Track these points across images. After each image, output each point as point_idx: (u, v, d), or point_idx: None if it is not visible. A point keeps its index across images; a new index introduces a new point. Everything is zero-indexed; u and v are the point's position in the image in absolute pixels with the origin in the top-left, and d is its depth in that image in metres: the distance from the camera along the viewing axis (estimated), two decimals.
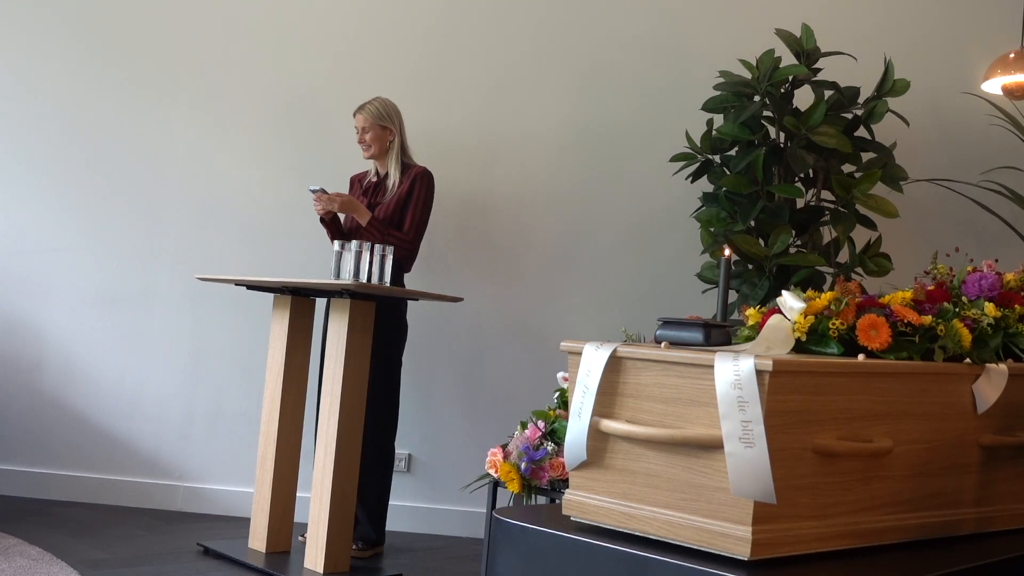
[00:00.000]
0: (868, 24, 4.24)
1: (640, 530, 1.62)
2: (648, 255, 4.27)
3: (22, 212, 4.36)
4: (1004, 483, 1.92)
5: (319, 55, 4.37)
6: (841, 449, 1.58)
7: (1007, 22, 4.04)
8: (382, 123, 3.82)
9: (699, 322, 1.74)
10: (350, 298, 3.32)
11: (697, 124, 3.80)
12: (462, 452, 4.17)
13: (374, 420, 3.65)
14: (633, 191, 4.28)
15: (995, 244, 3.88)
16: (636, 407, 1.64)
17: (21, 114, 4.37)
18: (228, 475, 4.27)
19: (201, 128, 4.37)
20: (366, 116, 3.82)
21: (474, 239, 4.34)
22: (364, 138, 3.83)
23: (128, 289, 4.33)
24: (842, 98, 3.71)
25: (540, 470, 3.02)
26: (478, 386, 4.28)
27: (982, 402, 1.81)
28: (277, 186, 4.33)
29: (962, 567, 1.65)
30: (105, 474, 4.28)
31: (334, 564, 3.32)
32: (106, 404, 4.31)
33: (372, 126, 3.81)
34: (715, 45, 4.20)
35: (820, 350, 1.73)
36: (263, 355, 3.73)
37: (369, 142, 3.82)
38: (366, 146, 3.84)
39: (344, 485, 3.33)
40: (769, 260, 3.51)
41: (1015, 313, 1.90)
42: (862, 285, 1.99)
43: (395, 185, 3.80)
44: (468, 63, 4.35)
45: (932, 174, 4.03)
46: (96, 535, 3.73)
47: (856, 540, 1.64)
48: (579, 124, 4.32)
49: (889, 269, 3.63)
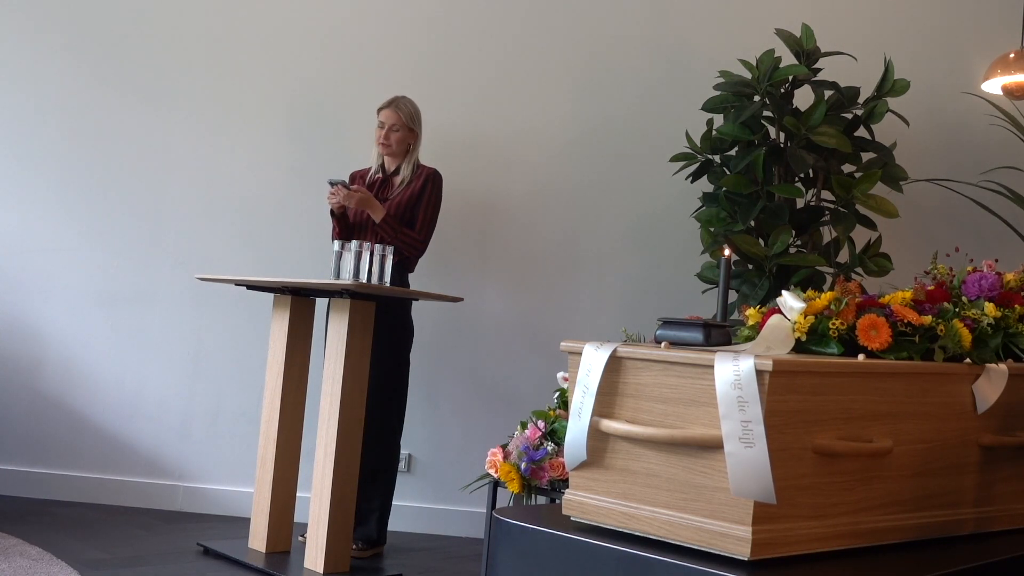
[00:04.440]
0: (868, 24, 4.23)
1: (640, 530, 1.62)
2: (648, 255, 4.27)
3: (22, 212, 4.35)
4: (1004, 483, 1.92)
5: (319, 55, 4.36)
6: (841, 449, 1.58)
7: (1007, 22, 4.04)
8: (411, 125, 3.79)
9: (699, 322, 1.74)
10: (350, 298, 3.32)
11: (697, 124, 3.80)
12: (462, 452, 4.17)
13: (381, 420, 3.65)
14: (633, 191, 4.28)
15: (995, 244, 3.88)
16: (636, 407, 1.64)
17: (22, 114, 4.37)
18: (228, 475, 4.27)
19: (201, 128, 4.36)
20: (398, 114, 3.76)
21: (473, 239, 4.33)
22: (389, 136, 3.77)
23: (128, 289, 4.33)
24: (842, 98, 3.71)
25: (540, 470, 3.02)
26: (478, 386, 4.28)
27: (982, 402, 1.81)
28: (277, 186, 4.33)
29: (962, 567, 1.65)
30: (105, 474, 4.28)
31: (334, 564, 3.32)
32: (106, 404, 4.31)
33: (402, 126, 3.77)
34: (715, 45, 4.20)
35: (820, 350, 1.73)
36: (263, 355, 3.73)
37: (393, 141, 3.77)
38: (387, 144, 3.78)
39: (344, 485, 3.33)
40: (769, 260, 3.51)
41: (1015, 313, 1.90)
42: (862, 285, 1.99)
43: (404, 183, 3.79)
44: (468, 63, 4.35)
45: (932, 174, 4.03)
46: (96, 535, 3.73)
47: (856, 540, 1.64)
48: (579, 124, 4.32)
49: (889, 269, 3.63)
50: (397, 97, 3.82)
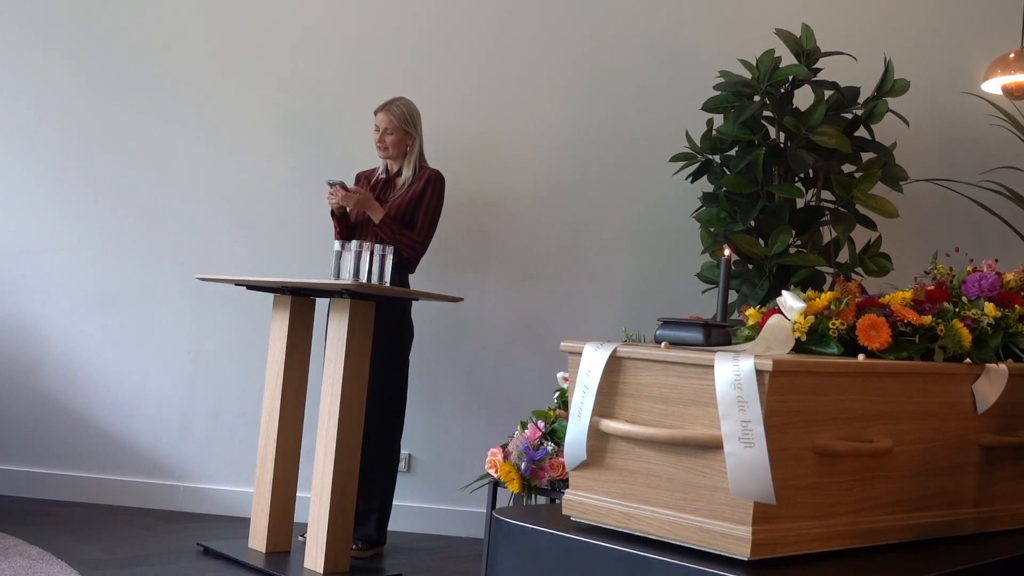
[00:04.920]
0: (868, 24, 4.23)
1: (640, 530, 1.62)
2: (648, 255, 4.27)
3: (23, 212, 4.35)
4: (1004, 483, 1.92)
5: (320, 55, 4.36)
6: (841, 449, 1.58)
7: (1007, 22, 4.04)
8: (405, 127, 3.78)
9: (699, 322, 1.74)
10: (350, 298, 3.32)
11: (697, 124, 3.80)
12: (462, 452, 4.18)
13: (381, 420, 3.65)
14: (633, 191, 4.28)
15: (995, 244, 3.88)
16: (636, 407, 1.64)
17: (22, 114, 4.37)
18: (228, 475, 4.27)
19: (201, 128, 4.36)
20: (390, 117, 3.76)
21: (473, 239, 4.33)
22: (384, 139, 3.78)
23: (128, 289, 4.33)
24: (842, 98, 3.70)
25: (540, 470, 3.02)
26: (478, 386, 4.28)
27: (982, 402, 1.81)
28: (277, 186, 4.33)
29: (962, 567, 1.65)
30: (105, 474, 4.28)
31: (334, 564, 3.32)
32: (106, 404, 4.31)
33: (395, 129, 3.77)
34: (715, 45, 4.20)
35: (820, 350, 1.73)
36: (263, 355, 3.73)
37: (389, 144, 3.78)
38: (384, 147, 3.79)
39: (344, 485, 3.33)
40: (769, 260, 3.51)
41: (1015, 313, 1.90)
42: (862, 285, 1.99)
43: (406, 184, 3.79)
44: (468, 64, 4.35)
45: (932, 174, 4.03)
46: (96, 535, 3.73)
47: (856, 540, 1.64)
48: (578, 124, 4.32)
49: (889, 269, 3.63)
50: (393, 99, 3.80)
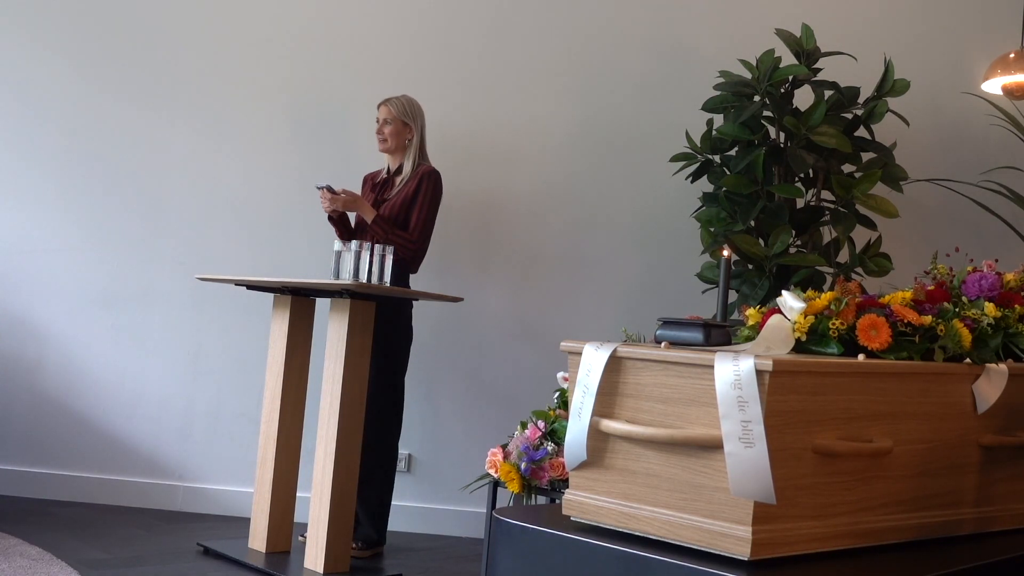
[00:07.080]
0: (868, 24, 4.23)
1: (640, 530, 1.62)
2: (648, 255, 4.27)
3: (23, 212, 4.35)
4: (1004, 483, 1.92)
5: (319, 55, 4.36)
6: (841, 449, 1.58)
7: (1007, 22, 4.04)
8: (404, 119, 3.81)
9: (699, 322, 1.74)
10: (350, 298, 3.32)
11: (697, 124, 3.80)
12: (462, 452, 4.17)
13: (379, 422, 3.65)
14: (633, 191, 4.28)
15: (995, 244, 3.88)
16: (636, 407, 1.64)
17: (22, 114, 4.37)
18: (228, 475, 4.27)
19: (201, 128, 4.37)
20: (390, 109, 3.81)
21: (473, 239, 4.33)
22: (383, 130, 3.82)
23: (128, 289, 4.33)
24: (842, 98, 3.70)
25: (540, 470, 3.02)
26: (478, 386, 4.28)
27: (982, 402, 1.81)
28: (277, 186, 4.33)
29: (962, 567, 1.65)
30: (105, 474, 4.28)
31: (334, 564, 3.31)
32: (106, 404, 4.31)
33: (394, 120, 3.80)
34: (715, 45, 4.20)
35: (820, 350, 1.73)
36: (263, 355, 3.73)
37: (387, 135, 3.81)
38: (383, 138, 3.82)
39: (344, 485, 3.33)
40: (769, 260, 3.51)
41: (1015, 313, 1.90)
42: (862, 285, 1.99)
43: (403, 182, 3.79)
44: (469, 64, 4.35)
45: (932, 174, 4.03)
46: (96, 535, 3.73)
47: (856, 540, 1.64)
48: (578, 124, 4.32)
49: (889, 269, 3.63)
50: (393, 95, 3.83)
